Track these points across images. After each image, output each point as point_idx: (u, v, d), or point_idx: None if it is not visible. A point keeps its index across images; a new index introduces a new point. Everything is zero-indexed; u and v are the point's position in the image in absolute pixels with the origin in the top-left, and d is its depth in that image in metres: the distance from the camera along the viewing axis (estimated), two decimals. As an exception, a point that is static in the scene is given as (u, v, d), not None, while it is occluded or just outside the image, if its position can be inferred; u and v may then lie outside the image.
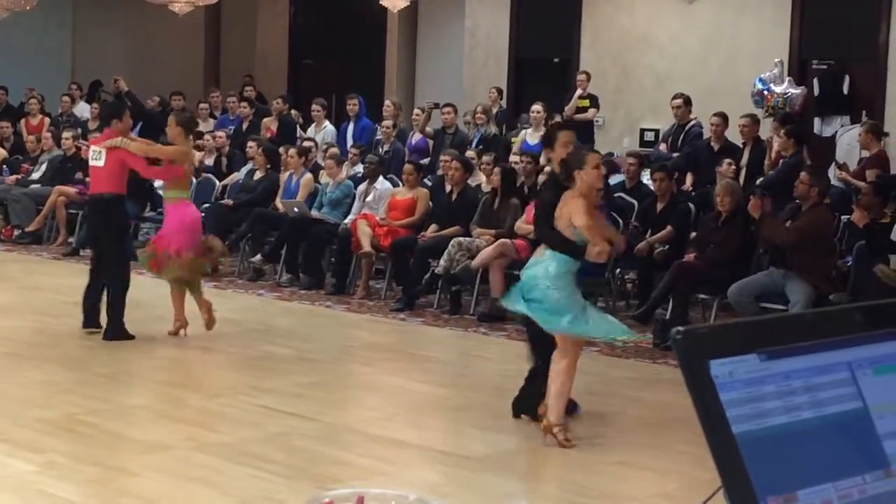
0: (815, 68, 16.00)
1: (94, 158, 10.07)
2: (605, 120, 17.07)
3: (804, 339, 1.56)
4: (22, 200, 16.17)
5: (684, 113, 14.12)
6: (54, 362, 9.35)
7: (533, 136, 14.63)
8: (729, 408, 1.46)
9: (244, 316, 11.61)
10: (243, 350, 10.12)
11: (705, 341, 1.49)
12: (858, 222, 10.82)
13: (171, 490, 6.33)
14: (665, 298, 10.87)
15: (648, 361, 10.01)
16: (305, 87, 21.32)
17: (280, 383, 8.81)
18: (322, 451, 7.22)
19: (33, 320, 10.76)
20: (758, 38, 16.05)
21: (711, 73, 16.33)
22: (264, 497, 6.21)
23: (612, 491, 6.83)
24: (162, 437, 7.29)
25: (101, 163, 9.97)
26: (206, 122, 17.87)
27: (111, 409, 8.01)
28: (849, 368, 1.58)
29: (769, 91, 14.70)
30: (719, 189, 11.04)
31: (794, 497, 1.45)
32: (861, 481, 1.51)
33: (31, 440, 7.08)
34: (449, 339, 11.00)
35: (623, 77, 17.40)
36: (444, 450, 7.41)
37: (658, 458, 7.27)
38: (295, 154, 13.97)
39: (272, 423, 7.71)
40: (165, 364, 9.52)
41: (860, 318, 1.63)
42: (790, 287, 10.03)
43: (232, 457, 6.88)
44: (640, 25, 17.28)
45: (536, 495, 6.33)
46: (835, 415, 1.54)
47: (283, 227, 13.34)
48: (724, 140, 13.20)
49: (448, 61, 19.70)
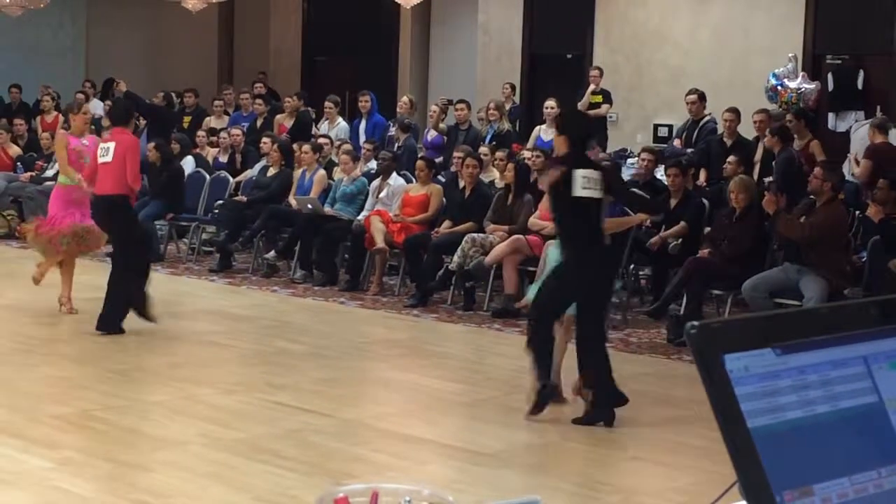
0: (829, 63, 15.96)
1: (102, 155, 10.09)
2: (618, 116, 17.06)
3: (819, 334, 1.55)
4: (36, 198, 16.19)
5: (699, 108, 14.09)
6: (69, 359, 9.39)
7: (546, 133, 14.62)
8: (744, 402, 1.45)
9: (258, 312, 11.63)
10: (257, 346, 10.14)
11: (720, 335, 1.48)
12: (874, 217, 10.79)
13: (186, 486, 6.34)
14: (679, 294, 10.85)
15: (662, 357, 10.00)
16: (318, 83, 21.35)
17: (294, 379, 8.82)
18: (336, 447, 7.24)
19: (48, 317, 10.79)
20: (771, 33, 16.02)
21: (725, 69, 16.30)
22: (278, 493, 6.22)
23: (626, 486, 6.83)
24: (176, 434, 7.30)
25: (110, 158, 9.99)
26: (219, 118, 17.90)
27: (126, 405, 8.03)
28: (864, 363, 1.57)
29: (783, 86, 14.68)
30: (733, 185, 11.02)
31: (811, 491, 1.45)
32: (876, 475, 1.51)
33: (45, 436, 7.10)
34: (463, 336, 11.00)
35: (636, 73, 17.39)
36: (459, 445, 7.41)
37: (672, 454, 7.27)
38: (309, 150, 13.98)
39: (286, 419, 7.73)
40: (180, 360, 9.53)
41: (876, 312, 1.63)
42: (804, 283, 10.01)
43: (246, 453, 6.89)
44: (653, 21, 17.26)
45: (550, 490, 6.32)
46: (850, 409, 1.53)
47: (296, 224, 13.35)
48: (737, 135, 13.17)
49: (461, 57, 19.70)
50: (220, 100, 18.52)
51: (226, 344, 10.13)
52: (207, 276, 13.52)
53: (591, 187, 7.77)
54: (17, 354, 9.37)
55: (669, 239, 11.58)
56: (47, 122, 18.63)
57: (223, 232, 14.12)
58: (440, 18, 20.46)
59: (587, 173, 7.81)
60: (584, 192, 7.77)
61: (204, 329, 10.56)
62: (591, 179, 7.78)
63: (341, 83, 19.78)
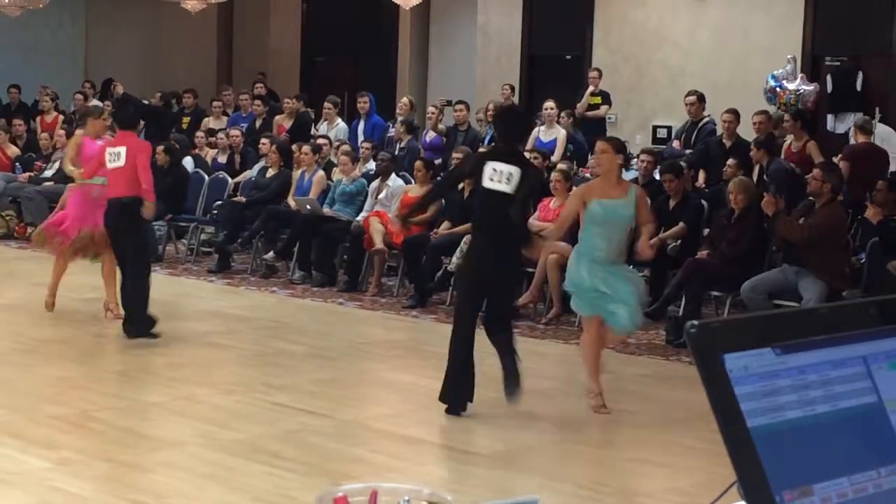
0: (828, 65, 15.96)
1: (112, 160, 10.01)
2: (617, 117, 17.05)
3: (819, 333, 1.55)
4: (35, 198, 16.19)
5: (698, 110, 14.08)
6: (68, 359, 9.38)
7: (546, 134, 14.62)
8: (744, 401, 1.45)
9: (257, 313, 11.63)
10: (256, 347, 10.14)
11: (720, 335, 1.48)
12: (872, 219, 10.80)
13: (184, 486, 6.34)
14: (678, 295, 10.85)
15: (661, 358, 10.00)
16: (317, 84, 21.35)
17: (293, 380, 8.82)
18: (335, 447, 7.23)
19: (47, 317, 10.78)
20: (771, 34, 16.02)
21: (724, 70, 16.29)
22: (277, 493, 6.21)
23: (625, 487, 6.83)
24: (175, 434, 7.30)
25: (122, 162, 9.94)
26: (218, 119, 17.89)
27: (124, 405, 8.03)
28: (864, 363, 1.57)
29: (782, 88, 14.67)
30: (732, 186, 11.02)
31: (810, 490, 1.45)
32: (876, 475, 1.51)
33: (44, 437, 7.10)
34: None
35: (635, 74, 17.38)
36: (457, 446, 7.41)
37: (672, 455, 7.27)
38: (308, 151, 13.98)
39: (285, 419, 7.72)
40: (178, 361, 9.53)
41: (875, 313, 1.63)
42: (803, 284, 10.01)
43: (245, 453, 6.89)
44: (652, 22, 17.26)
45: (550, 491, 6.32)
46: (850, 409, 1.53)
47: (295, 225, 13.35)
48: (737, 137, 13.17)
49: (460, 58, 19.70)
50: (219, 100, 18.51)
51: (224, 345, 10.12)
52: (206, 277, 13.52)
53: (498, 180, 7.81)
54: (17, 354, 9.37)
55: (668, 240, 11.58)
56: (46, 123, 18.61)
57: (222, 232, 14.11)
58: (439, 19, 20.46)
59: (497, 166, 7.84)
60: (489, 184, 7.83)
61: (202, 330, 10.55)
62: (500, 173, 7.81)
63: (340, 84, 19.79)
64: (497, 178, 7.80)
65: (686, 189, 11.99)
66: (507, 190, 7.78)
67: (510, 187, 7.77)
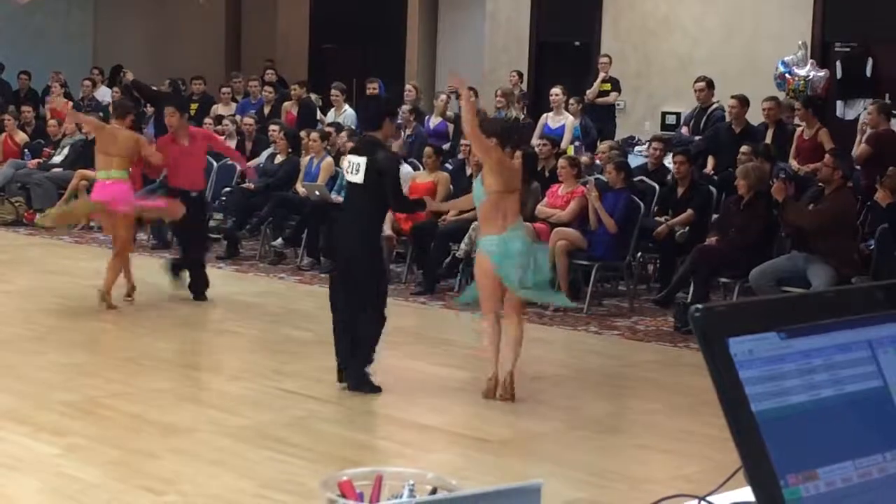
0: (837, 51, 15.91)
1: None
2: (626, 103, 17.02)
3: (824, 318, 1.55)
4: (44, 184, 16.22)
5: (707, 96, 14.05)
6: (76, 345, 9.40)
7: (553, 120, 14.60)
8: (748, 386, 1.45)
9: (265, 300, 11.64)
10: (264, 334, 10.15)
11: (724, 319, 1.48)
12: (882, 202, 10.76)
13: (192, 473, 6.35)
14: (686, 282, 10.84)
15: (669, 345, 9.99)
16: (326, 71, 21.32)
17: (301, 367, 8.83)
18: (343, 434, 7.24)
19: (55, 304, 10.80)
20: (780, 20, 15.96)
21: (734, 56, 16.24)
22: (285, 480, 6.22)
23: (632, 473, 6.83)
24: (183, 420, 7.31)
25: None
26: (227, 105, 17.88)
27: (132, 391, 8.04)
28: (869, 347, 1.57)
29: (791, 74, 14.63)
30: (740, 172, 10.99)
31: (815, 475, 1.44)
32: (881, 459, 1.50)
33: (53, 423, 7.12)
34: (469, 323, 10.98)
35: (644, 60, 17.34)
36: (466, 433, 7.41)
37: (679, 441, 7.26)
38: (317, 137, 13.98)
39: (293, 406, 7.73)
40: (187, 347, 9.54)
41: (881, 297, 1.62)
42: (812, 270, 9.99)
43: (253, 440, 6.90)
44: (661, 8, 17.21)
45: (557, 478, 6.32)
46: (855, 393, 1.53)
47: (303, 211, 13.35)
48: (746, 123, 13.13)
49: (469, 45, 19.66)
50: (228, 87, 18.50)
51: (233, 331, 10.13)
52: (214, 263, 13.49)
53: (352, 172, 8.16)
54: (26, 341, 9.38)
55: (677, 227, 11.57)
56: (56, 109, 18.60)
57: (230, 219, 14.12)
58: (448, 6, 20.41)
59: (351, 159, 8.24)
60: (348, 175, 8.26)
61: (211, 316, 10.56)
62: (353, 164, 8.16)
63: (349, 71, 19.75)
64: (351, 171, 8.20)
65: (694, 176, 11.97)
66: (358, 181, 8.12)
67: (359, 178, 8.10)
